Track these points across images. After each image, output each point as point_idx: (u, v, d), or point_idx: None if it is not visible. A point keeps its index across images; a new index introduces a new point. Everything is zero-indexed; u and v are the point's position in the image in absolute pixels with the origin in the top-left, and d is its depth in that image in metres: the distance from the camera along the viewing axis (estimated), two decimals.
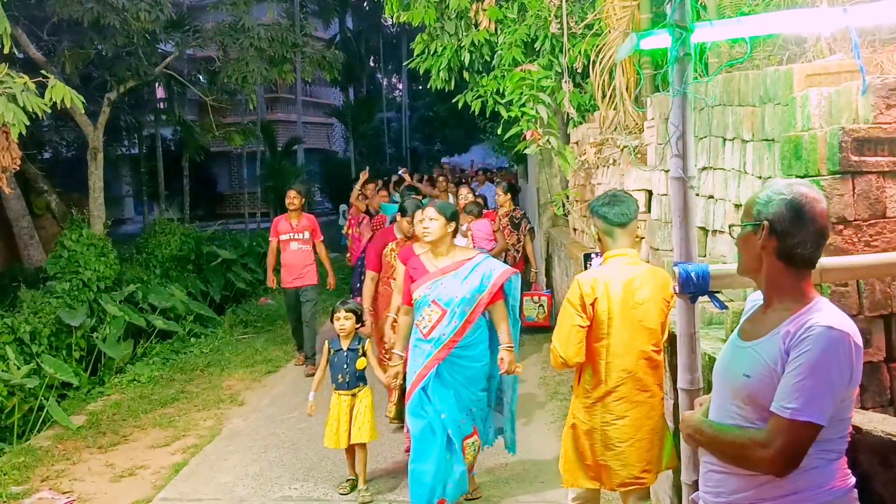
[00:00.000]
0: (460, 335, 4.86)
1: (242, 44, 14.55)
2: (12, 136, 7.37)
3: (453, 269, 4.92)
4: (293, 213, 9.03)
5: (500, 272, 4.93)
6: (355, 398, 5.61)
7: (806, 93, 3.22)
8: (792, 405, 2.10)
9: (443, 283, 4.88)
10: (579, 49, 8.28)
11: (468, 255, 5.03)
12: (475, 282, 4.85)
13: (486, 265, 4.94)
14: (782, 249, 2.24)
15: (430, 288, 4.90)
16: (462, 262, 4.94)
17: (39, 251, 13.91)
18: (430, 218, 4.88)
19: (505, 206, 9.53)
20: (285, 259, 9.07)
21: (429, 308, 4.89)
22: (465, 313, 4.85)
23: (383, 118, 38.96)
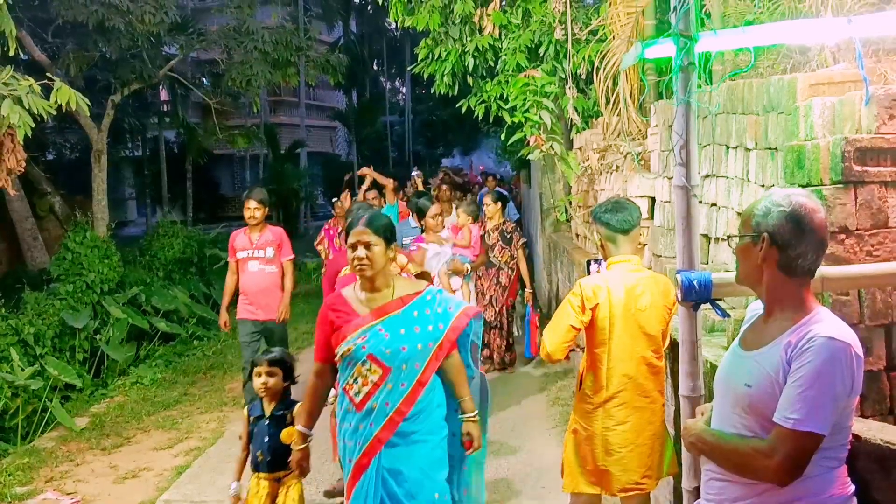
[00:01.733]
0: (410, 403, 3.55)
1: (246, 47, 14.61)
2: (17, 139, 7.40)
3: (396, 308, 3.59)
4: (254, 226, 7.11)
5: (460, 312, 3.71)
6: (280, 484, 4.35)
7: (809, 102, 3.23)
8: (794, 415, 2.12)
9: (382, 330, 3.54)
10: (583, 55, 8.30)
11: (415, 289, 3.72)
12: (428, 326, 3.59)
13: (440, 301, 3.69)
14: (783, 261, 2.25)
15: (363, 337, 3.53)
16: (408, 299, 3.63)
17: (43, 253, 13.95)
18: (360, 243, 3.53)
19: (494, 218, 8.59)
20: (243, 283, 7.14)
21: (363, 366, 3.53)
22: (415, 372, 3.55)
23: (386, 122, 39.04)
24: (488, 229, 8.54)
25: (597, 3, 8.81)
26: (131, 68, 14.14)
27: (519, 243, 8.55)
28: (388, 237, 3.58)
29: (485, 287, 8.46)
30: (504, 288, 8.49)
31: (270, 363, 4.40)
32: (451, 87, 10.12)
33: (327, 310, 3.69)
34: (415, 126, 41.11)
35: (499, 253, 8.46)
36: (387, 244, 3.56)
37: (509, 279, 8.53)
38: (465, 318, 3.70)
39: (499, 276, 8.46)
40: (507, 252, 8.47)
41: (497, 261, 8.44)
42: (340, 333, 3.59)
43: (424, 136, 41.13)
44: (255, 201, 7.05)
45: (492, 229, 8.55)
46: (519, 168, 17.00)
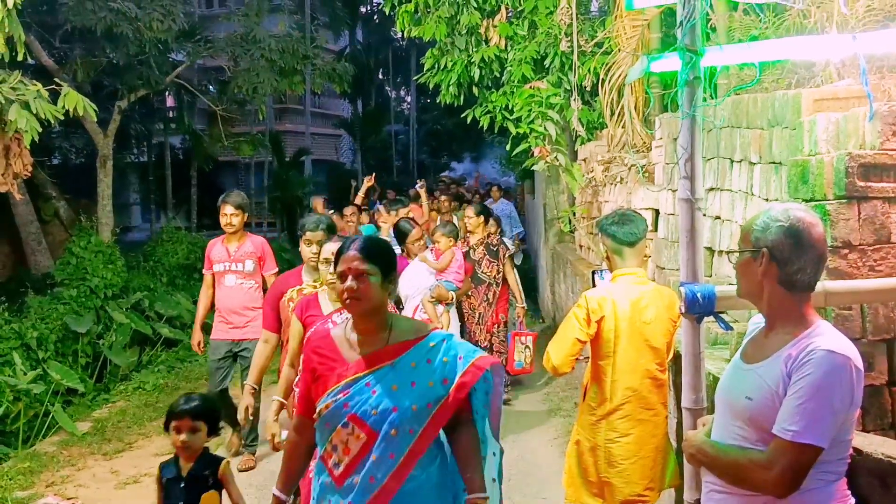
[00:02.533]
0: (400, 479, 2.80)
1: (253, 55, 14.67)
2: (24, 143, 7.45)
3: (390, 358, 2.86)
4: (231, 235, 6.35)
5: (472, 364, 2.87)
6: None
7: (814, 117, 3.25)
8: (793, 427, 2.13)
9: (370, 385, 2.82)
10: (589, 67, 8.34)
11: (417, 332, 2.96)
12: (429, 381, 2.84)
13: (447, 349, 2.90)
14: (783, 276, 2.27)
15: (345, 392, 2.82)
16: (406, 345, 2.89)
17: (47, 257, 13.98)
18: (351, 272, 2.81)
19: (477, 232, 8.02)
20: (218, 299, 6.45)
21: (344, 429, 2.81)
22: (408, 439, 2.80)
23: (391, 131, 39.09)
24: (472, 244, 8.01)
25: (603, 15, 8.86)
26: (138, 74, 14.21)
27: (506, 256, 8.05)
28: (386, 267, 2.87)
29: (475, 305, 7.92)
30: (491, 304, 7.96)
31: (194, 416, 3.54)
32: (457, 98, 10.17)
33: (310, 352, 3.00)
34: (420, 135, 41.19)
35: (486, 268, 7.97)
36: (384, 275, 2.83)
37: (495, 295, 7.98)
38: (476, 371, 2.84)
39: (487, 292, 7.95)
40: (495, 266, 7.98)
41: (485, 276, 7.94)
42: (321, 384, 2.87)
43: (429, 146, 41.19)
44: (232, 206, 6.23)
45: (476, 244, 8.01)
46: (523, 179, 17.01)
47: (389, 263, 2.91)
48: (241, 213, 6.29)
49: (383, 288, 2.85)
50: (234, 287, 6.38)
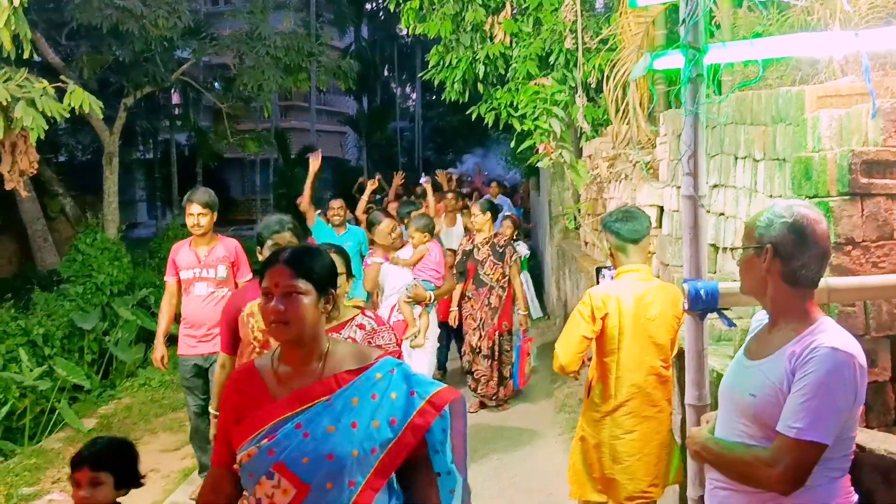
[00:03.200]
0: None
1: (258, 52, 14.70)
2: (30, 140, 7.47)
3: (326, 392, 2.34)
4: (200, 237, 5.57)
5: (427, 401, 2.37)
6: None
7: (817, 114, 3.25)
8: (797, 425, 2.14)
9: (301, 427, 2.30)
10: (593, 64, 8.33)
11: (360, 360, 2.43)
12: (373, 422, 2.31)
13: (396, 382, 2.39)
14: (787, 272, 2.27)
15: (271, 437, 2.30)
16: (345, 378, 2.37)
17: (53, 254, 14.03)
18: (278, 289, 2.33)
19: (484, 230, 7.52)
20: (186, 310, 5.68)
21: (269, 482, 2.28)
22: (350, 492, 2.28)
23: (396, 127, 39.13)
24: (477, 243, 7.53)
25: (607, 12, 8.85)
26: (144, 72, 14.24)
27: (512, 258, 7.50)
28: (323, 282, 2.38)
29: (475, 309, 7.47)
30: (495, 310, 7.42)
31: (95, 465, 2.84)
32: (462, 94, 10.18)
33: (230, 390, 2.47)
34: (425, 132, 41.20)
35: (490, 270, 7.41)
36: (320, 293, 2.36)
37: (500, 300, 7.44)
38: (431, 412, 2.35)
39: (490, 296, 7.42)
40: (500, 269, 7.40)
41: (488, 279, 7.42)
42: (243, 428, 2.35)
43: (434, 142, 41.21)
44: (199, 205, 5.47)
45: (481, 243, 7.50)
46: (528, 176, 16.99)
47: (326, 278, 2.41)
48: (210, 213, 5.51)
49: (318, 308, 2.35)
50: (206, 297, 5.57)
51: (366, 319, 3.45)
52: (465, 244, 7.71)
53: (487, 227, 7.54)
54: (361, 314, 3.47)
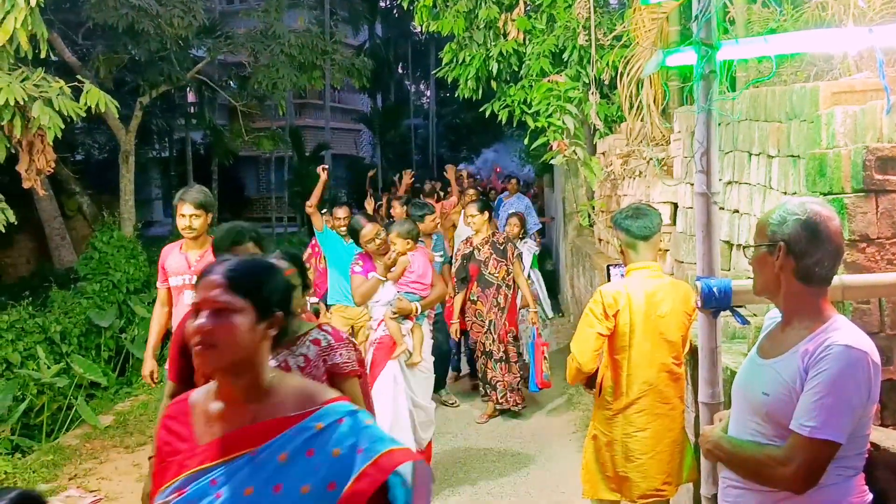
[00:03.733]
0: None
1: (273, 50, 14.76)
2: (47, 140, 7.53)
3: (252, 443, 1.93)
4: (192, 241, 5.07)
5: (375, 460, 1.90)
6: None
7: (831, 110, 3.23)
8: (811, 423, 2.13)
9: (216, 483, 1.91)
10: (607, 60, 8.31)
11: (304, 405, 1.99)
12: (307, 483, 1.89)
13: (341, 436, 1.93)
14: (800, 269, 2.26)
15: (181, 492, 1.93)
16: (282, 425, 1.95)
17: (70, 252, 14.14)
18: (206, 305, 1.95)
19: (481, 230, 7.39)
20: (175, 320, 5.15)
21: None
22: None
23: (410, 125, 39.10)
24: (476, 244, 7.37)
25: (621, 8, 8.82)
26: (159, 71, 14.33)
27: (514, 255, 7.39)
28: (267, 302, 1.98)
29: (484, 311, 7.30)
30: (503, 310, 7.30)
31: None
32: (475, 92, 10.18)
33: (161, 427, 2.09)
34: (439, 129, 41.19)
35: (494, 269, 7.28)
36: (262, 315, 1.96)
37: (507, 299, 7.33)
38: (377, 475, 1.88)
39: (497, 296, 7.27)
40: (504, 267, 7.28)
41: (494, 278, 7.27)
42: (158, 474, 2.02)
43: (448, 140, 41.19)
44: (192, 205, 4.94)
45: (481, 243, 7.35)
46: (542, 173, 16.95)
47: (272, 298, 1.99)
48: (205, 214, 4.98)
49: (257, 333, 1.95)
50: None
51: (321, 334, 3.13)
52: (464, 248, 7.48)
53: (485, 227, 7.41)
54: (318, 328, 3.17)
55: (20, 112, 7.09)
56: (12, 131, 7.15)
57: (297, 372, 2.98)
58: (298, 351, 3.07)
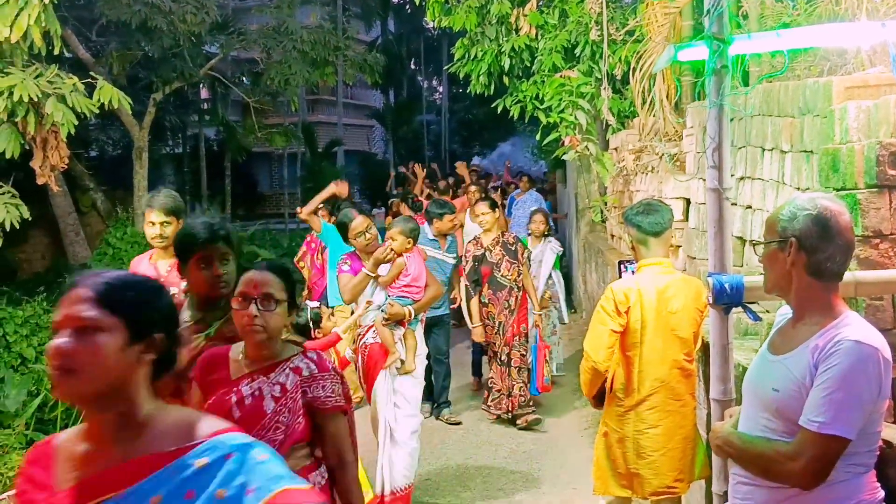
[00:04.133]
0: None
1: (285, 46, 14.77)
2: (61, 136, 7.56)
3: (119, 485, 1.61)
4: (163, 250, 4.40)
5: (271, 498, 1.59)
6: None
7: (844, 105, 3.21)
8: (820, 419, 2.11)
9: None
10: (619, 55, 8.28)
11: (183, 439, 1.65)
12: None
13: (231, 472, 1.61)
14: (812, 264, 2.24)
15: None
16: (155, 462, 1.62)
17: (85, 248, 14.21)
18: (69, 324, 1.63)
19: (492, 229, 7.16)
20: None
21: None
22: None
23: (423, 121, 39.10)
24: (487, 245, 7.11)
25: (634, 3, 8.78)
26: (173, 67, 14.36)
27: (525, 255, 7.21)
28: (142, 322, 1.70)
29: (495, 313, 7.06)
30: (513, 312, 7.07)
31: None
32: (487, 87, 10.17)
33: (19, 474, 1.81)
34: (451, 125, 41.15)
35: (507, 270, 7.03)
36: (133, 335, 1.68)
37: (517, 300, 7.09)
38: None
39: (509, 298, 7.04)
40: (516, 268, 7.06)
41: (506, 280, 7.02)
42: None
43: (461, 135, 41.15)
44: (162, 212, 4.37)
45: (492, 244, 7.10)
46: (555, 168, 16.89)
47: (149, 317, 1.70)
48: (176, 221, 4.42)
49: (129, 356, 1.66)
50: None
51: (304, 362, 2.80)
52: (474, 249, 7.16)
53: (495, 226, 7.18)
54: (302, 355, 2.83)
55: (34, 108, 7.12)
56: (26, 127, 7.18)
57: (270, 403, 2.71)
58: (276, 378, 2.76)
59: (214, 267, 3.20)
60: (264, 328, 2.71)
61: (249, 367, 2.79)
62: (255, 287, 2.75)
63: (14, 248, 15.41)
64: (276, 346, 2.82)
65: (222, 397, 2.74)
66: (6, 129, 7.22)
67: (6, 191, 7.56)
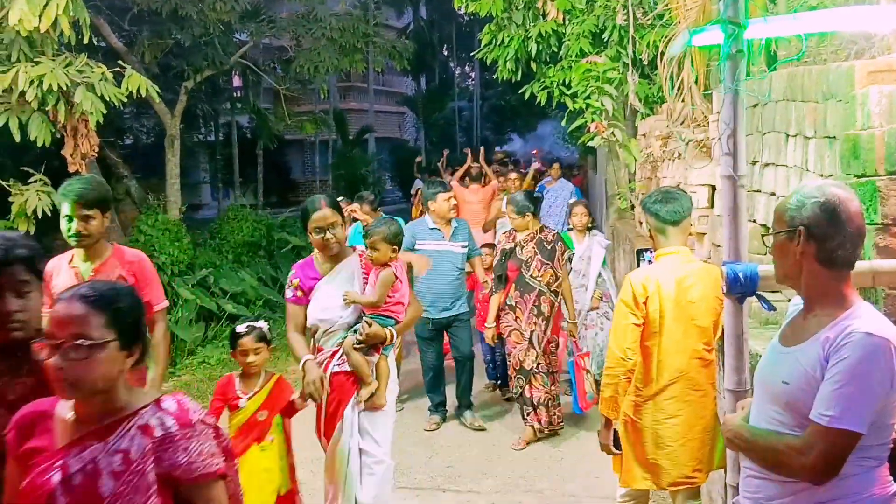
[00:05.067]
0: None
1: (315, 34, 14.80)
2: (90, 125, 7.67)
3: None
4: (85, 251, 3.88)
5: None
6: None
7: (866, 90, 3.13)
8: (830, 413, 2.08)
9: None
10: (647, 40, 8.17)
11: None
12: None
13: None
14: (822, 253, 2.20)
15: None
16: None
17: (119, 235, 14.35)
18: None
19: (526, 226, 6.36)
20: None
21: None
22: None
23: (454, 107, 39.05)
24: (519, 241, 6.33)
25: None
26: (204, 55, 14.46)
27: (564, 256, 6.39)
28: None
29: (522, 322, 6.24)
30: (547, 320, 6.28)
31: None
32: (514, 73, 10.09)
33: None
34: (483, 111, 41.03)
35: (537, 271, 6.23)
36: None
37: (552, 307, 6.29)
38: None
39: (539, 303, 6.22)
40: (549, 270, 6.23)
41: (536, 283, 6.24)
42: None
43: (492, 121, 41.04)
44: (80, 204, 3.76)
45: (525, 240, 6.32)
46: (585, 154, 16.75)
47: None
48: (100, 215, 3.81)
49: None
50: None
51: (158, 417, 2.06)
52: (505, 242, 6.45)
53: (527, 223, 6.35)
54: (155, 406, 2.09)
55: (64, 97, 7.23)
56: (57, 116, 7.30)
57: (108, 481, 1.98)
58: (116, 444, 2.03)
59: (4, 300, 2.50)
60: (76, 384, 1.97)
61: (80, 430, 2.05)
62: (59, 326, 1.98)
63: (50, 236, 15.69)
64: (116, 399, 2.06)
65: (41, 476, 2.00)
66: (37, 117, 7.35)
67: (37, 179, 7.70)
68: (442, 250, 6.58)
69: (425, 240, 6.59)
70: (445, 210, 6.58)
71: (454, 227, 6.67)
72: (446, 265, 6.53)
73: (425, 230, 6.63)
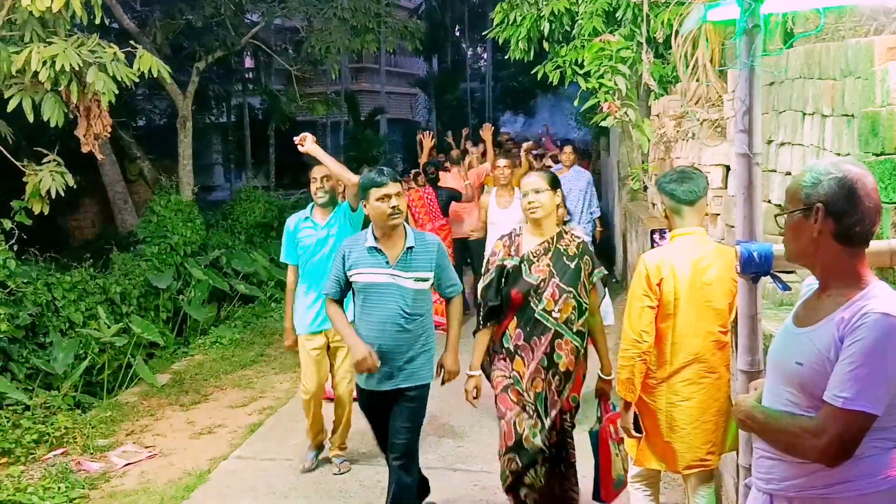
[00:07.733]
0: None
1: (326, 14, 14.72)
2: (103, 105, 7.65)
3: None
4: None
5: None
6: None
7: (886, 66, 3.07)
8: (844, 394, 2.05)
9: None
10: (662, 19, 8.06)
11: None
12: None
13: None
14: (840, 230, 2.16)
15: None
16: None
17: (133, 215, 14.49)
18: None
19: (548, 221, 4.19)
20: None
21: None
22: None
23: (467, 88, 38.84)
24: (529, 251, 4.18)
25: None
26: (215, 36, 14.43)
27: (595, 274, 4.24)
28: None
29: (524, 374, 4.14)
30: (565, 376, 4.19)
31: None
32: (527, 53, 9.98)
33: None
34: (496, 92, 40.79)
35: (551, 300, 4.10)
36: None
37: (577, 358, 4.20)
38: None
39: (554, 348, 4.12)
40: (572, 300, 4.11)
41: (551, 319, 4.11)
42: None
43: (505, 102, 40.81)
44: None
45: (537, 250, 4.17)
46: (598, 136, 16.62)
47: None
48: None
49: None
50: None
51: None
52: (502, 253, 4.20)
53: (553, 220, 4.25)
54: None
55: (76, 78, 7.22)
56: (69, 97, 7.29)
57: None
58: None
59: None
60: None
61: None
62: None
63: (66, 216, 15.80)
64: None
65: None
66: (50, 98, 7.34)
67: (52, 159, 7.72)
68: (382, 283, 4.24)
69: (359, 267, 4.25)
70: (382, 215, 4.20)
71: (406, 248, 4.27)
72: (390, 305, 4.23)
73: (361, 250, 4.27)
